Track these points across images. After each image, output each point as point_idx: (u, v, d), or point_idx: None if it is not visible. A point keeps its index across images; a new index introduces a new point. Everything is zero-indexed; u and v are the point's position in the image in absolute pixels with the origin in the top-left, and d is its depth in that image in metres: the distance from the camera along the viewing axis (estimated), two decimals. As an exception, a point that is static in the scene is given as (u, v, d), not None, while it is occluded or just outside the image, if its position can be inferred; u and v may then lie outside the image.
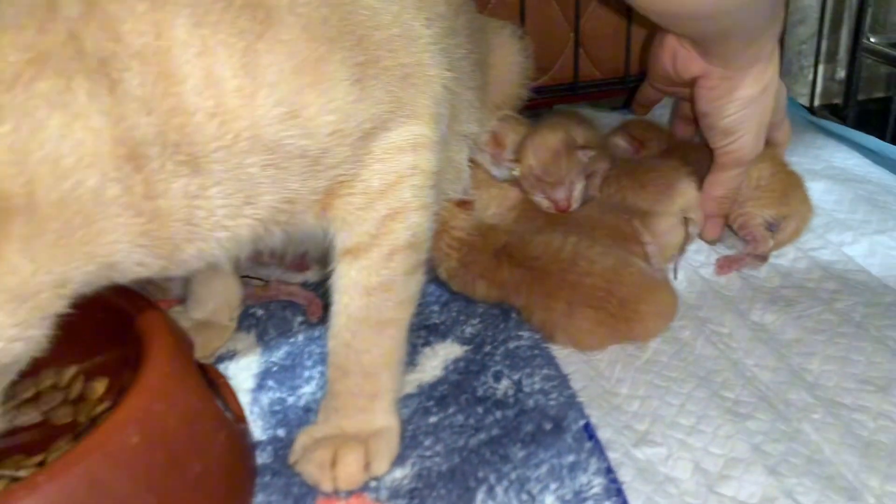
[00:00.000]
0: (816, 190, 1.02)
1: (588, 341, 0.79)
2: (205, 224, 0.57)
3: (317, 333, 0.84)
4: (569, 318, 0.79)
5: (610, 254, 0.83)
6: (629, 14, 1.33)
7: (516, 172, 0.94)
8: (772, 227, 0.93)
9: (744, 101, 0.88)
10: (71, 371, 0.71)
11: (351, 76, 0.60)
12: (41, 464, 0.62)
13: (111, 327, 0.66)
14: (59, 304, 0.53)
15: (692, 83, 0.92)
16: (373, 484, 0.64)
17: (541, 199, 0.93)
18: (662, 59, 0.95)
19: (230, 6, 0.55)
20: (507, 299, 0.84)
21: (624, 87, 1.38)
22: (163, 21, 0.53)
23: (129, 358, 0.64)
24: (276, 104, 0.56)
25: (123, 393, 0.56)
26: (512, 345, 0.79)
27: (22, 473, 0.62)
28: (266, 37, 0.56)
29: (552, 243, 0.84)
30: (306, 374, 0.78)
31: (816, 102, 1.49)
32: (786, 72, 1.50)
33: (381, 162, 0.65)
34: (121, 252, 0.55)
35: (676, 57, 0.93)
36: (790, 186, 0.96)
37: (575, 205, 0.92)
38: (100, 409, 0.67)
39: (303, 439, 0.68)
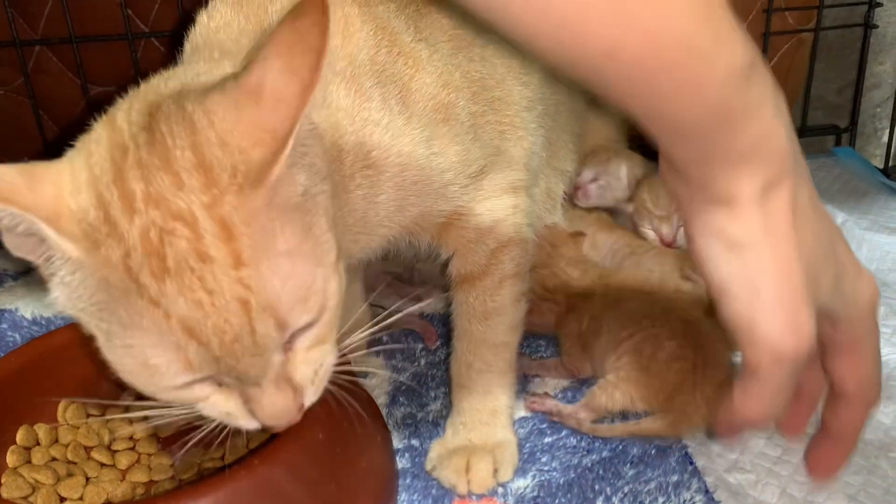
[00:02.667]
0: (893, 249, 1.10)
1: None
2: (372, 222, 0.71)
3: (436, 359, 0.95)
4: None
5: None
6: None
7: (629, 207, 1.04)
8: None
9: (728, 245, 0.54)
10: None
11: (469, 120, 0.75)
12: (223, 457, 0.73)
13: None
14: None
15: None
16: (500, 490, 0.75)
17: (647, 231, 1.04)
18: None
19: (389, 53, 0.70)
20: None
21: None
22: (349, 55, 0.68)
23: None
24: (423, 130, 0.70)
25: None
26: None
27: (209, 464, 0.74)
28: (415, 79, 0.71)
29: (642, 285, 0.93)
30: (432, 393, 0.90)
31: (891, 163, 1.56)
32: (860, 133, 1.58)
33: (489, 200, 0.77)
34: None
35: None
36: None
37: (678, 242, 1.02)
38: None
39: (437, 449, 0.79)
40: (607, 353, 0.83)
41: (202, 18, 0.72)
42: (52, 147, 1.48)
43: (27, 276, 1.16)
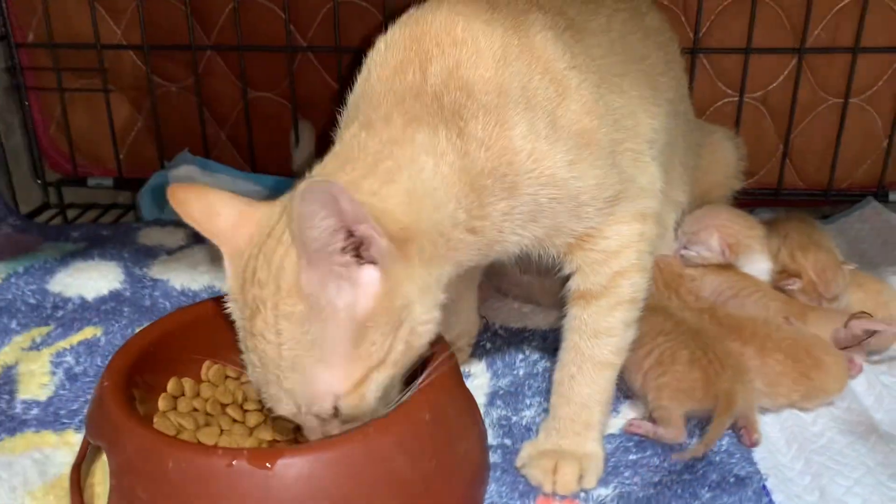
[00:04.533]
0: None
1: (780, 384, 0.93)
2: (507, 231, 0.78)
3: (535, 371, 1.02)
4: (761, 360, 0.93)
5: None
6: (838, 133, 1.45)
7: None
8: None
9: None
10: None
11: (609, 146, 0.81)
12: (297, 428, 0.80)
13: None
14: (442, 296, 0.74)
15: None
16: (582, 495, 0.81)
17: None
18: None
19: (542, 80, 0.77)
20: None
21: (826, 199, 1.49)
22: (503, 84, 0.75)
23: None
24: (567, 152, 0.77)
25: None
26: (702, 409, 0.93)
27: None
28: (563, 105, 0.78)
29: (748, 312, 1.02)
30: (527, 400, 0.96)
31: None
32: None
33: (619, 224, 0.83)
34: (462, 257, 0.76)
35: None
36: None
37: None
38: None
39: (528, 449, 0.86)
40: (634, 374, 0.93)
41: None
42: (209, 140, 1.65)
43: (180, 251, 1.30)
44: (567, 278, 0.86)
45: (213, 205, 0.74)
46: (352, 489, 0.67)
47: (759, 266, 1.11)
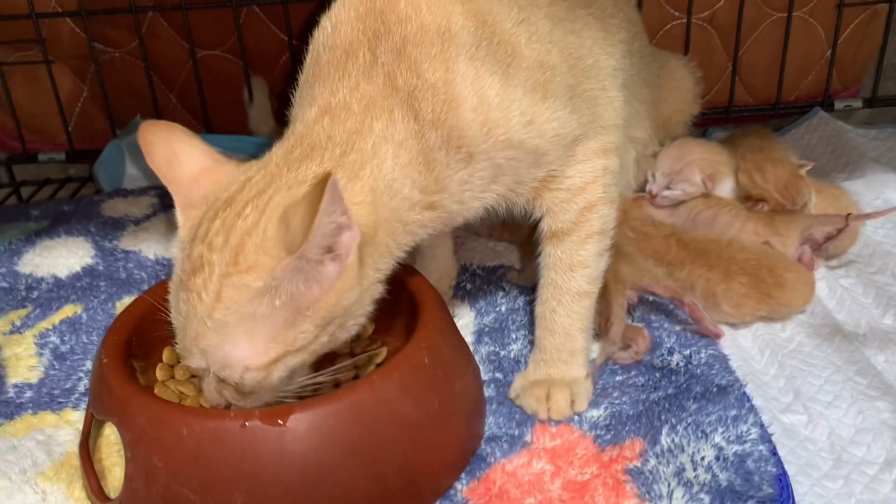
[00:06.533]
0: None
1: (745, 304, 0.98)
2: (468, 199, 0.79)
3: (516, 305, 1.05)
4: (727, 284, 0.98)
5: (757, 242, 1.04)
6: (784, 47, 1.48)
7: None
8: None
9: None
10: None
11: (566, 94, 0.82)
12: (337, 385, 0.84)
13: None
14: (380, 292, 0.75)
15: None
16: (575, 418, 0.85)
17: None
18: None
19: (490, 44, 0.77)
20: (672, 274, 1.03)
21: (775, 113, 1.53)
22: (449, 59, 0.75)
23: (394, 307, 0.87)
24: (522, 114, 0.78)
25: (411, 330, 0.79)
26: (678, 327, 0.97)
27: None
28: (513, 65, 0.78)
29: (710, 233, 1.06)
30: (513, 335, 1.00)
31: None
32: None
33: (582, 163, 0.85)
34: (417, 236, 0.78)
35: None
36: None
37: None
38: (373, 347, 0.91)
39: (520, 381, 0.89)
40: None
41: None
42: (160, 104, 1.61)
43: (147, 221, 1.30)
44: (537, 223, 0.88)
45: (175, 152, 0.75)
46: (362, 435, 0.70)
47: (727, 187, 1.16)
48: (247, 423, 0.68)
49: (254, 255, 0.67)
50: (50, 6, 1.46)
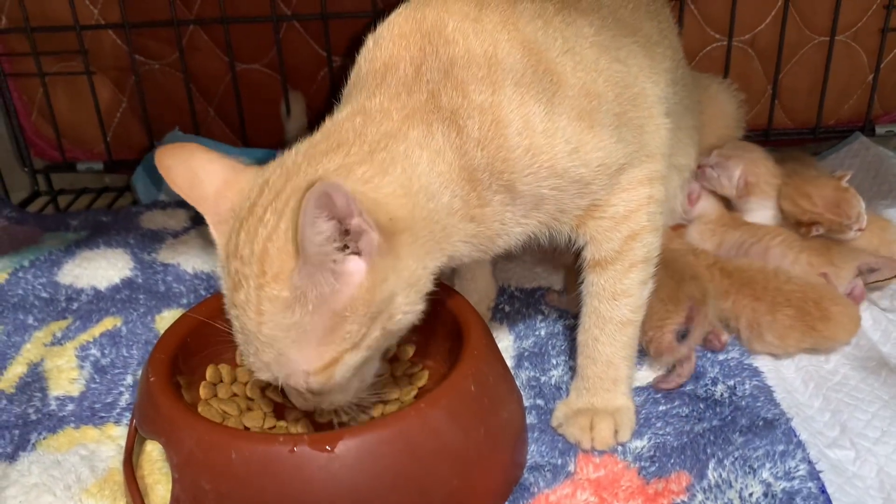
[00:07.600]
0: None
1: (789, 336, 0.97)
2: (509, 221, 0.79)
3: (556, 330, 1.05)
4: (773, 315, 0.97)
5: (806, 273, 1.03)
6: (825, 71, 1.47)
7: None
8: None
9: None
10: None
11: (612, 123, 0.82)
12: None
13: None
14: (430, 286, 0.75)
15: None
16: (619, 449, 0.84)
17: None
18: None
19: (535, 72, 0.77)
20: (715, 304, 1.01)
21: (814, 137, 1.52)
22: (496, 83, 0.75)
23: (435, 329, 0.86)
24: (566, 142, 0.77)
25: (456, 358, 0.79)
26: (721, 357, 0.96)
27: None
28: (559, 93, 0.78)
29: (755, 262, 1.04)
30: (553, 360, 0.99)
31: None
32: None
33: (626, 192, 0.85)
34: (459, 248, 0.77)
35: None
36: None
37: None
38: (414, 369, 0.90)
39: (562, 409, 0.89)
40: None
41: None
42: (198, 116, 1.63)
43: (185, 234, 1.30)
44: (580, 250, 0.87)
45: (196, 172, 0.74)
46: (410, 463, 0.70)
47: (765, 213, 1.14)
48: (296, 448, 0.68)
49: (277, 261, 0.67)
50: (93, 18, 1.48)
